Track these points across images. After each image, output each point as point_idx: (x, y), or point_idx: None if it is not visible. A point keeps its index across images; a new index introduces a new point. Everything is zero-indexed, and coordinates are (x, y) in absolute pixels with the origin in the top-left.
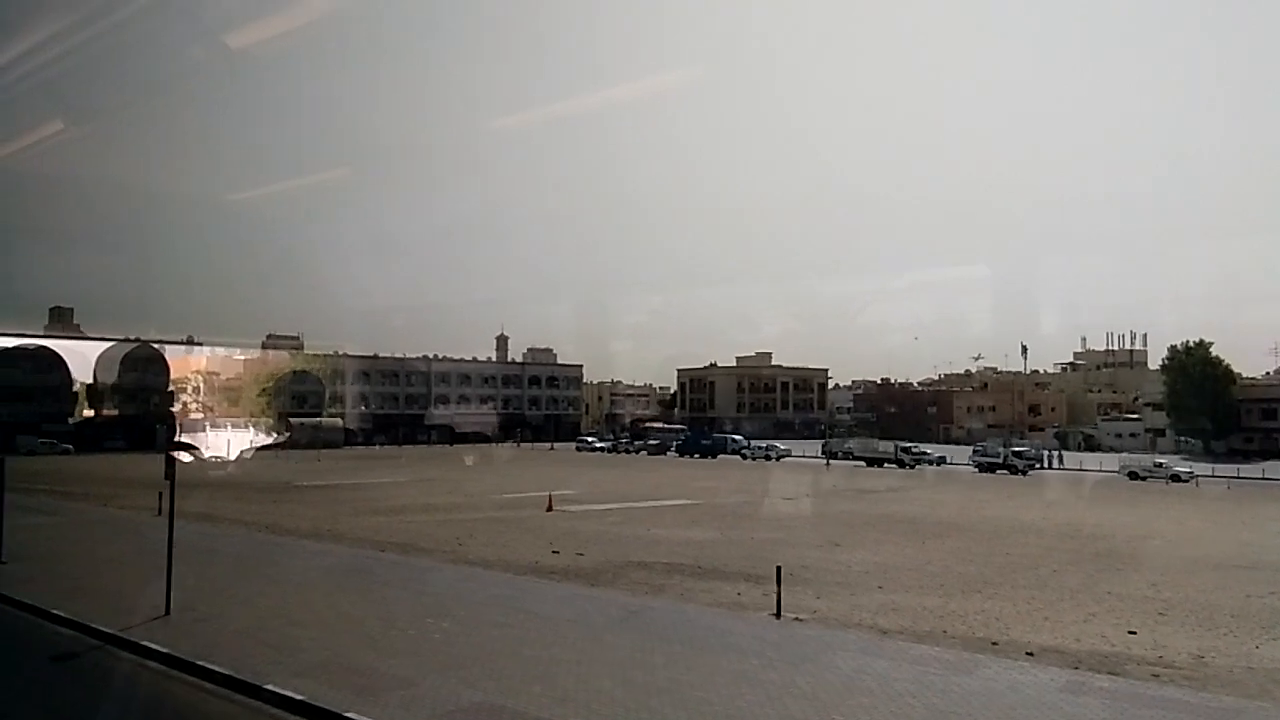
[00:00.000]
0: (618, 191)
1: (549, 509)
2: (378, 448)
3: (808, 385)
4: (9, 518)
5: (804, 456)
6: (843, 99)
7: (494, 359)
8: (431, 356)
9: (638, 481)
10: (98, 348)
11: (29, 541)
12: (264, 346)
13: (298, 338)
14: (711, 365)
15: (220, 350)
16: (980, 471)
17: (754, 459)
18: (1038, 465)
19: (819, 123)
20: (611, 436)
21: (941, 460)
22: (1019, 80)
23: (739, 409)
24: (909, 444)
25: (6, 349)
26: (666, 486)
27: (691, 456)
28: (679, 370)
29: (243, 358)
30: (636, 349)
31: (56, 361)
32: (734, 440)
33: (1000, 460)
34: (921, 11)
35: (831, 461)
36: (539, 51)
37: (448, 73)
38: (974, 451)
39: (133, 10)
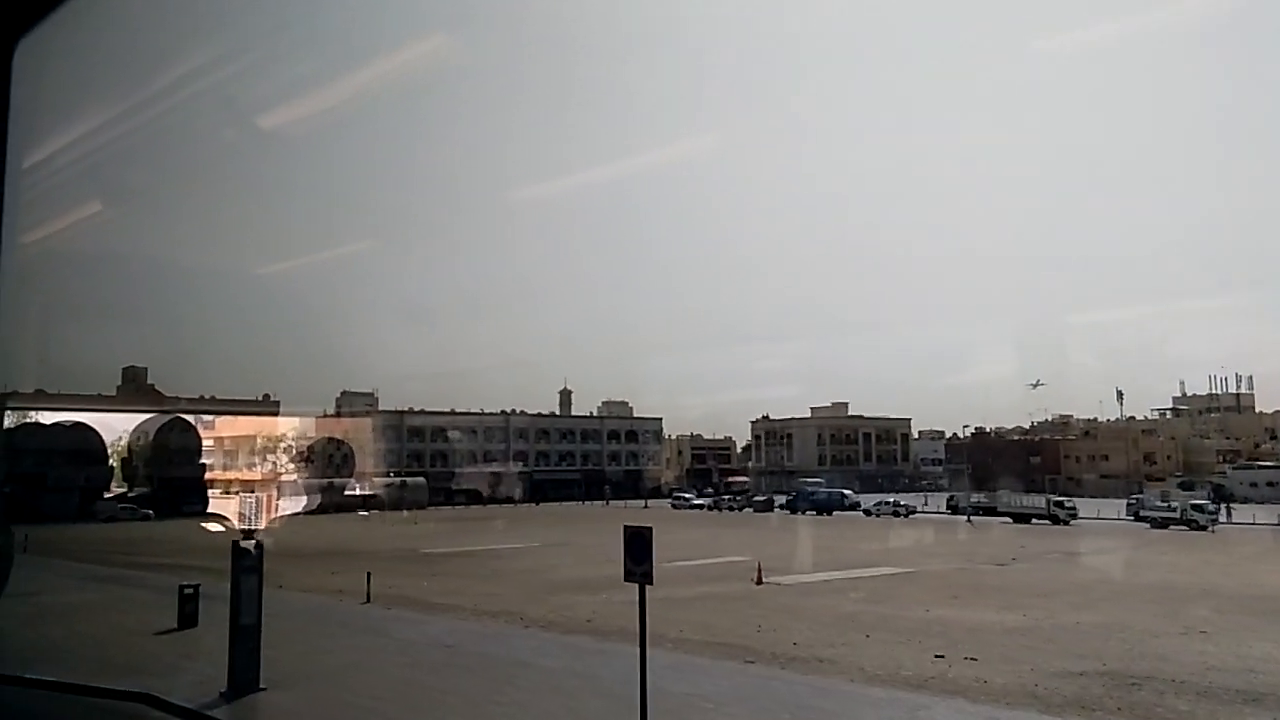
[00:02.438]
0: (647, 254)
1: (758, 582)
2: (462, 507)
3: (890, 436)
4: (210, 609)
5: (930, 512)
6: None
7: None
8: (509, 411)
9: (793, 545)
10: (130, 420)
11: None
12: (338, 404)
13: (373, 394)
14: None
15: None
16: (1153, 528)
17: (879, 515)
18: (1219, 520)
19: (857, 183)
20: (704, 492)
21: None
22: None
23: (820, 461)
24: (1060, 498)
25: (49, 424)
26: (836, 551)
27: (802, 513)
28: (752, 422)
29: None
30: (672, 404)
31: (93, 433)
32: (843, 495)
33: (1177, 515)
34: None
35: (972, 518)
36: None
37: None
38: (1133, 504)
39: (173, 100)
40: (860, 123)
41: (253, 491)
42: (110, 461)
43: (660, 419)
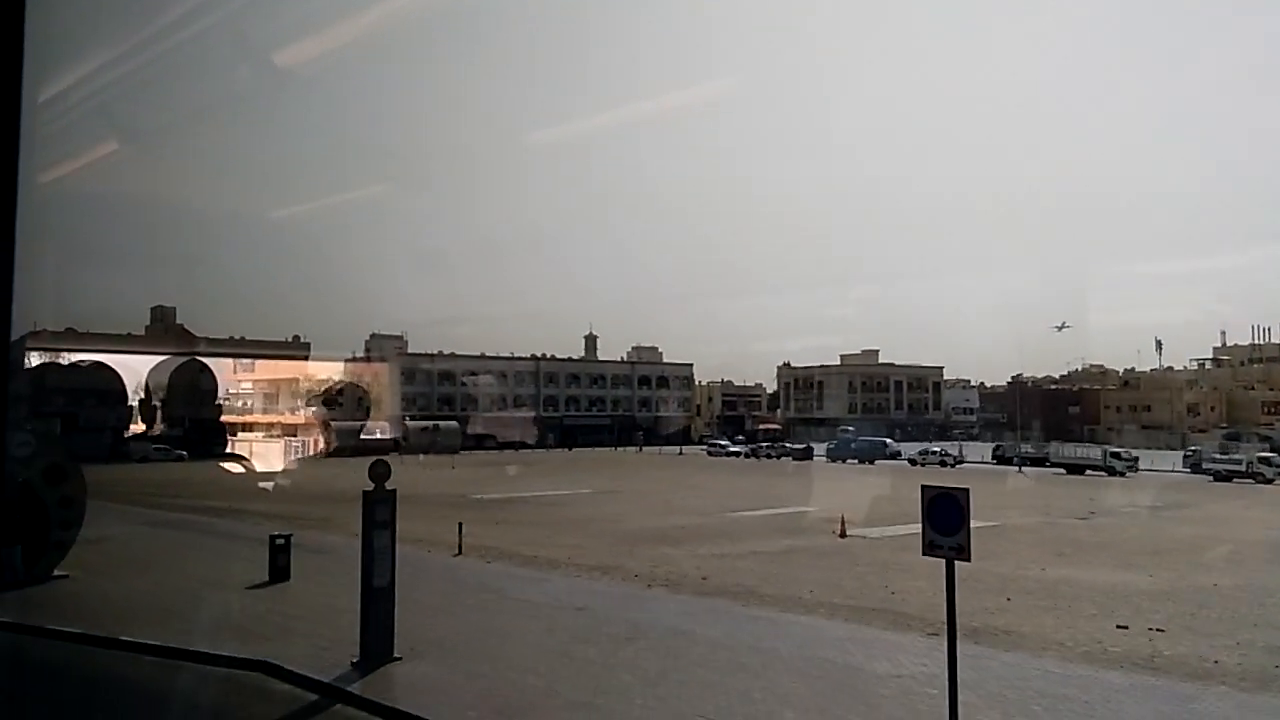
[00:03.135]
0: (670, 201)
1: (842, 535)
2: (495, 452)
3: (922, 384)
4: (299, 560)
5: (975, 461)
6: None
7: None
8: (539, 356)
9: (853, 494)
10: (148, 362)
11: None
12: (367, 347)
13: (401, 336)
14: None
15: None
16: (1215, 480)
17: (924, 465)
18: None
19: (876, 121)
20: (736, 439)
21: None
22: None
23: (851, 409)
24: (1117, 449)
25: (71, 364)
26: (901, 502)
27: (843, 462)
28: (779, 369)
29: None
30: (693, 352)
31: (115, 373)
32: (885, 443)
33: (1242, 468)
34: None
35: (1023, 469)
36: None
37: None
38: (1190, 456)
39: (189, 35)
40: (884, 65)
41: (287, 434)
42: (130, 402)
43: (691, 365)
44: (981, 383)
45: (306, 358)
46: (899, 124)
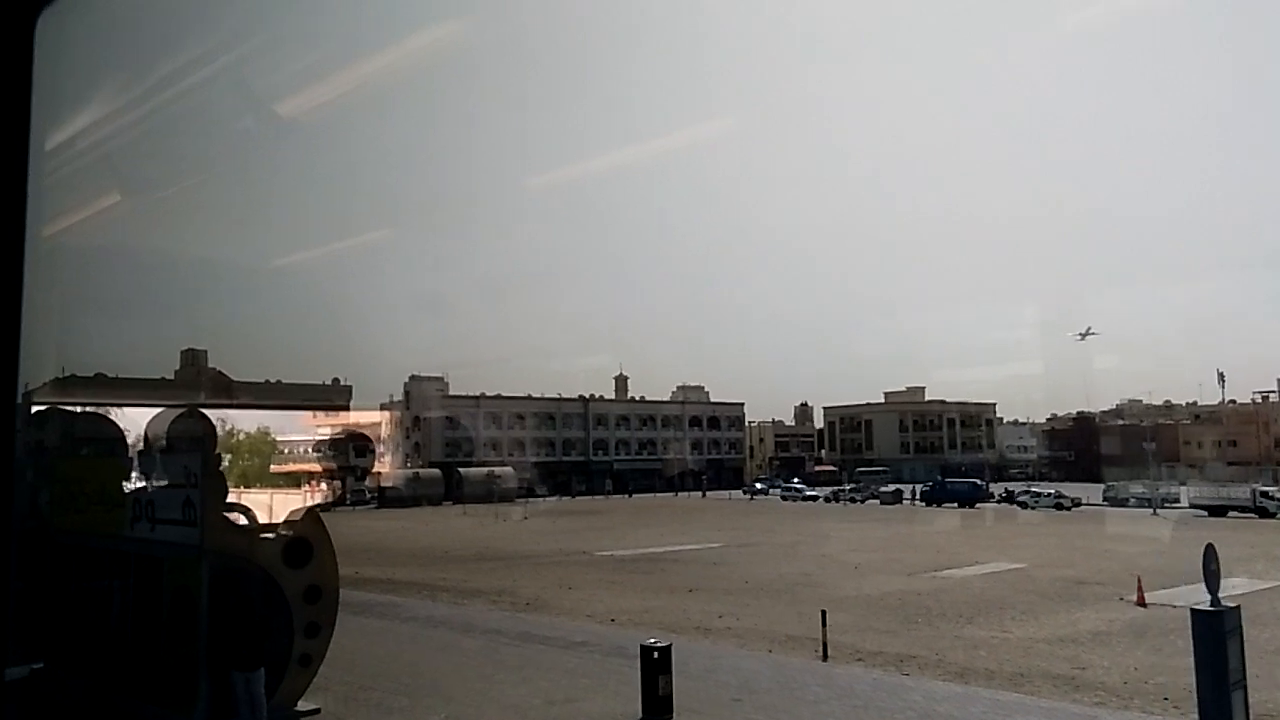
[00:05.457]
0: (675, 235)
1: (1140, 602)
2: (551, 499)
3: (975, 422)
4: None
5: (1093, 504)
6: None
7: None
8: (588, 396)
9: (1049, 547)
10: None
11: None
12: (406, 389)
13: (442, 379)
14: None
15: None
16: None
17: (1036, 508)
18: None
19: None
20: (790, 483)
21: None
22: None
23: (903, 449)
24: (1267, 488)
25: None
26: (1112, 556)
27: (939, 505)
28: (825, 408)
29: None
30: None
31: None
32: (976, 484)
33: None
34: None
35: (1158, 510)
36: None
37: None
38: None
39: (195, 84)
40: (899, 92)
41: (292, 484)
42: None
43: (742, 404)
44: (1030, 419)
45: (348, 402)
46: (910, 149)
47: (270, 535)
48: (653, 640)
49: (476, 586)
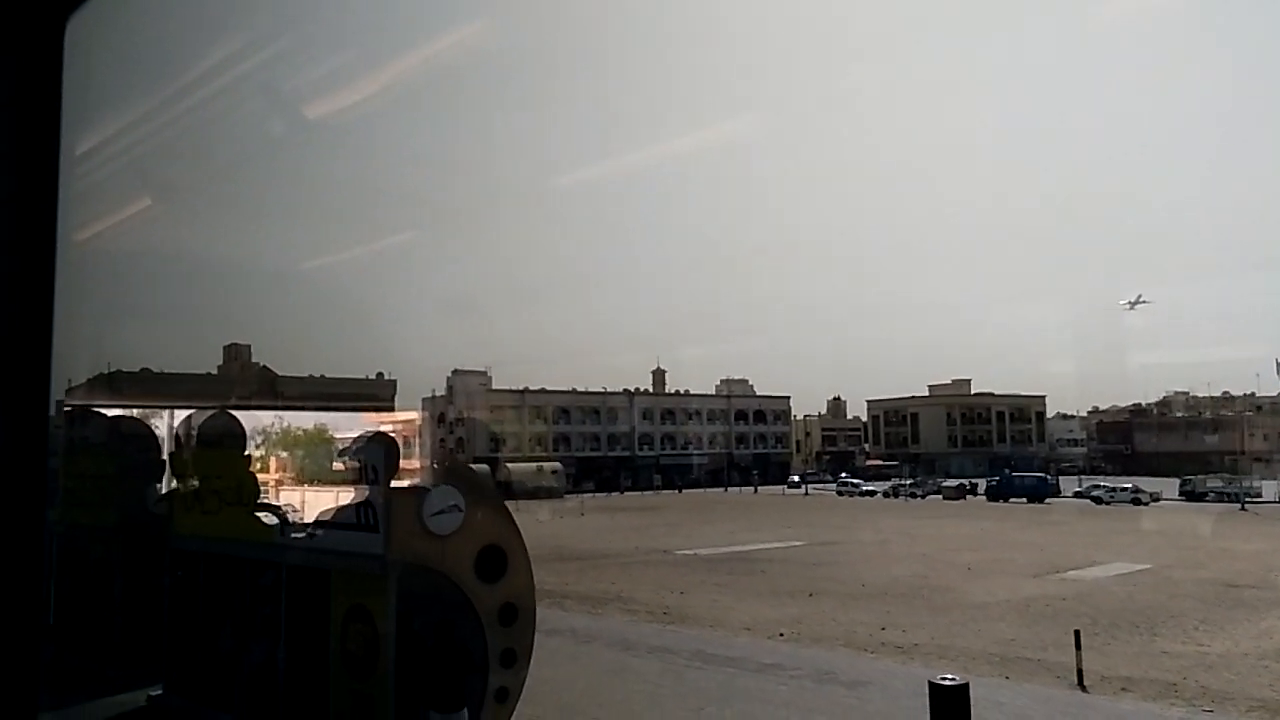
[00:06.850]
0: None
1: None
2: (600, 495)
3: (1024, 415)
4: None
5: (1170, 499)
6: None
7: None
8: (632, 390)
9: (1157, 546)
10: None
11: None
12: (449, 382)
13: (485, 372)
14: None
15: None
16: None
17: (1111, 503)
18: None
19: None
20: (842, 478)
21: None
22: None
23: (950, 442)
24: None
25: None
26: (1256, 557)
27: (1005, 501)
28: (869, 402)
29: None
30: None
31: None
32: (1044, 479)
33: None
34: None
35: (1247, 505)
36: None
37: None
38: None
39: (225, 86)
40: (931, 89)
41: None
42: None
43: (788, 397)
44: (1078, 412)
45: (393, 396)
46: (929, 148)
47: (459, 543)
48: (946, 678)
49: (582, 591)
